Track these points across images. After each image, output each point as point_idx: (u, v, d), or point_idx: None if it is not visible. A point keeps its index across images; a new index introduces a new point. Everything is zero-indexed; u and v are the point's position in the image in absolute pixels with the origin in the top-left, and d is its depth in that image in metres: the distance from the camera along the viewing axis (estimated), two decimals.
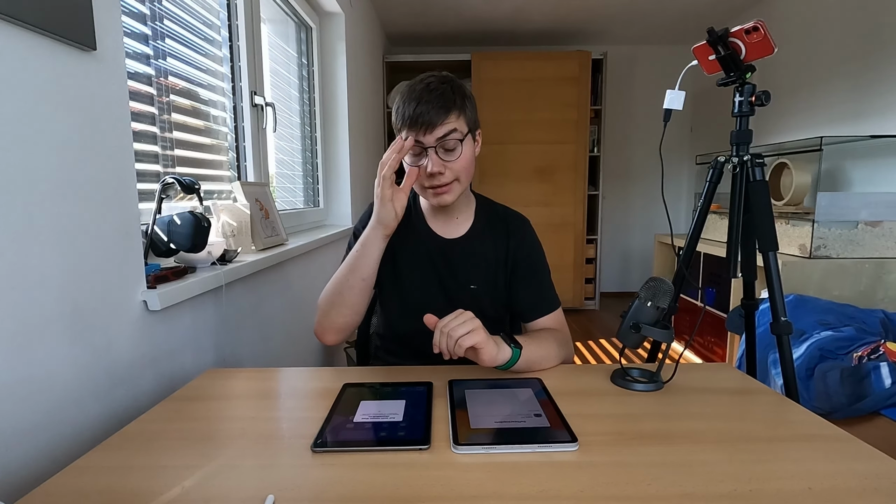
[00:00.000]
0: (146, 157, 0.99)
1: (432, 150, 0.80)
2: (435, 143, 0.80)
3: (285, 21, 1.90)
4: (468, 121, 0.84)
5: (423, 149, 0.81)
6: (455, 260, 0.92)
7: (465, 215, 0.94)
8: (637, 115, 3.98)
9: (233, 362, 1.07)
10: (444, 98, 0.80)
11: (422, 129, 0.79)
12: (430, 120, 0.79)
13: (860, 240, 1.96)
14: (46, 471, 0.59)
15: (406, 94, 0.81)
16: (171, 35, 1.08)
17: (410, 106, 0.79)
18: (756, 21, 1.05)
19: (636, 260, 4.19)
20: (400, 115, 0.81)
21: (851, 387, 1.44)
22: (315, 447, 0.55)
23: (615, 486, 0.48)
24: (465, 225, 0.94)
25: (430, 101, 0.79)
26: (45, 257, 0.60)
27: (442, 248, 0.92)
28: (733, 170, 1.21)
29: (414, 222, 0.94)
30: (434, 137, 0.80)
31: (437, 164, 0.81)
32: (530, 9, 3.12)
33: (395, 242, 0.89)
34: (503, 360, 0.73)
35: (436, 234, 0.93)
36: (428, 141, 0.80)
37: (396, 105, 0.83)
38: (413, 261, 0.92)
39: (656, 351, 1.47)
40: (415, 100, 0.79)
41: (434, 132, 0.79)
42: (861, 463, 0.52)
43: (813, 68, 2.62)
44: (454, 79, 0.84)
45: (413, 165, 0.83)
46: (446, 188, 0.84)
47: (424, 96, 0.79)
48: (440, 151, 0.81)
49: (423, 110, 0.78)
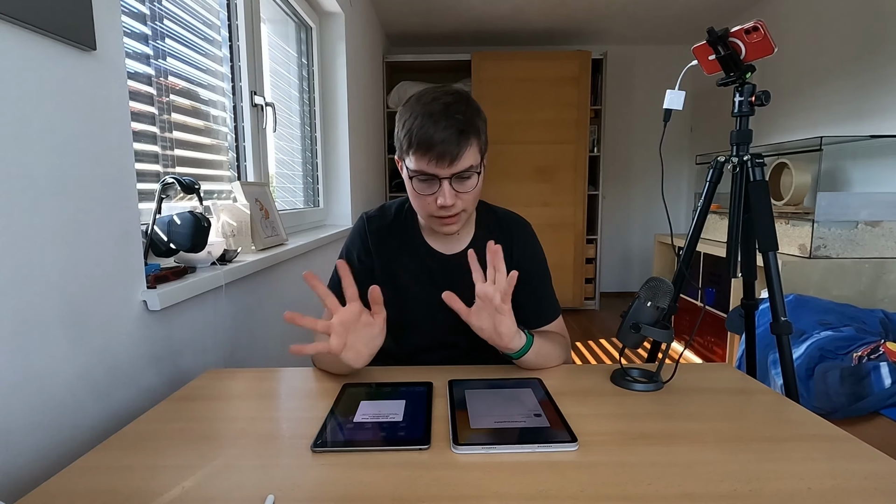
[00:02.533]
0: (146, 157, 0.99)
1: (447, 181, 0.75)
2: (450, 175, 0.75)
3: (285, 21, 1.90)
4: (482, 147, 0.79)
5: (438, 180, 0.75)
6: (457, 276, 0.86)
7: (465, 230, 0.90)
8: (637, 115, 3.98)
9: (233, 362, 1.07)
10: (465, 125, 0.73)
11: (440, 162, 0.73)
12: (450, 152, 0.72)
13: (860, 240, 1.96)
14: (46, 471, 0.59)
15: (421, 112, 0.73)
16: (171, 35, 1.08)
17: (427, 129, 0.72)
18: (756, 21, 1.05)
19: (636, 260, 4.19)
20: (414, 138, 0.73)
21: (851, 387, 1.44)
22: (315, 447, 0.55)
23: (615, 486, 0.48)
24: (465, 239, 0.90)
25: (451, 128, 0.72)
26: (44, 257, 0.60)
27: (443, 264, 0.88)
28: (733, 170, 1.21)
29: (412, 240, 0.90)
30: (451, 171, 0.74)
31: (450, 196, 0.75)
32: (530, 9, 3.12)
33: (394, 263, 0.87)
34: (519, 345, 0.74)
35: (436, 251, 0.89)
36: (443, 173, 0.74)
37: (407, 122, 0.75)
38: (414, 279, 0.88)
39: (656, 351, 1.47)
40: (432, 123, 0.72)
41: (452, 167, 0.74)
42: (861, 463, 0.52)
43: (813, 68, 2.62)
44: (470, 98, 0.78)
45: (422, 194, 0.77)
46: (455, 218, 0.80)
47: (443, 120, 0.72)
48: (455, 183, 0.76)
49: (443, 138, 0.72)
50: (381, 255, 0.89)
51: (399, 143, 0.78)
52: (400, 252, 0.89)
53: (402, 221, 0.91)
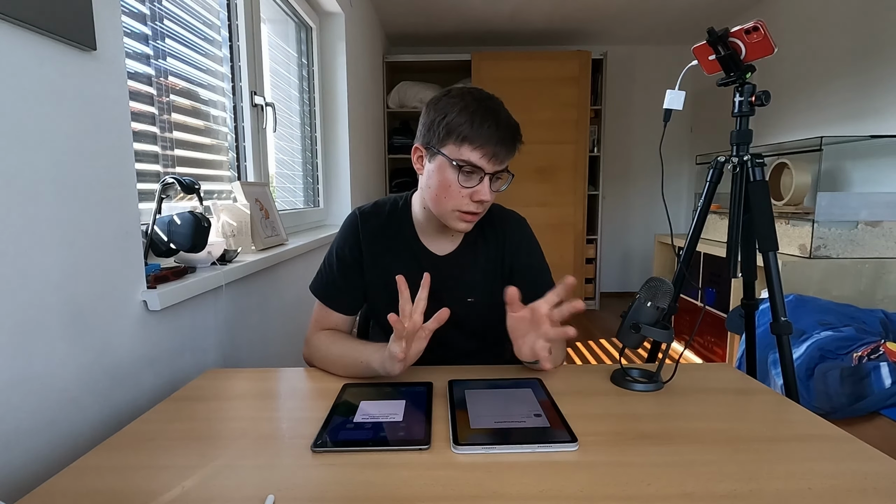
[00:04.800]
0: (146, 157, 0.99)
1: (488, 177, 0.77)
2: (494, 172, 0.77)
3: (285, 21, 1.90)
4: None
5: (481, 175, 0.76)
6: (449, 276, 0.87)
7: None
8: (637, 115, 3.98)
9: (233, 362, 1.07)
10: (519, 130, 0.77)
11: (495, 159, 0.75)
12: (508, 152, 0.76)
13: (860, 240, 1.96)
14: (46, 471, 0.59)
15: (477, 107, 0.75)
16: (171, 35, 1.08)
17: (488, 124, 0.74)
18: (756, 21, 1.05)
19: (636, 260, 4.19)
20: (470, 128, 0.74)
21: (851, 387, 1.44)
22: (315, 447, 0.55)
23: (615, 486, 0.48)
24: (457, 238, 0.90)
25: (511, 128, 0.76)
26: (44, 257, 0.60)
27: (435, 265, 0.88)
28: (733, 170, 1.21)
29: (406, 239, 0.89)
30: (496, 169, 0.77)
31: (489, 193, 0.77)
32: (530, 9, 3.12)
33: (386, 261, 0.87)
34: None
35: (429, 250, 0.89)
36: (489, 169, 0.76)
37: (459, 112, 0.75)
38: (407, 279, 0.89)
39: (656, 351, 1.47)
40: (493, 119, 0.74)
41: (500, 164, 0.76)
42: (861, 463, 0.52)
43: (813, 68, 2.62)
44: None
45: (463, 186, 0.77)
46: (476, 217, 0.81)
47: (504, 120, 0.75)
48: (493, 182, 0.78)
49: (503, 137, 0.74)
50: (373, 253, 0.88)
51: (438, 130, 0.76)
52: (393, 250, 0.88)
53: (396, 219, 0.90)
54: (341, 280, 0.88)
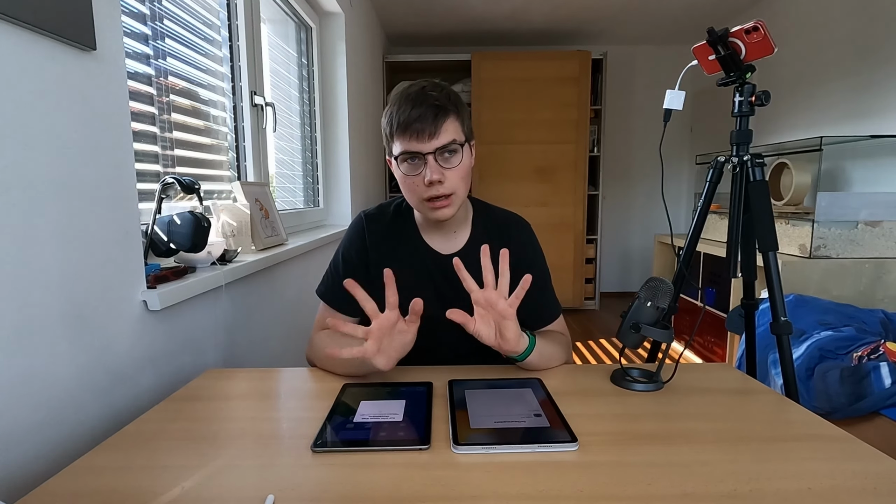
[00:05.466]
0: (146, 157, 0.99)
1: (431, 156, 0.76)
2: (434, 150, 0.76)
3: (285, 21, 1.90)
4: (465, 129, 0.81)
5: (422, 156, 0.77)
6: (454, 276, 0.86)
7: (462, 228, 0.90)
8: (637, 115, 3.98)
9: (233, 362, 1.07)
10: (443, 102, 0.77)
11: (420, 136, 0.75)
12: (429, 126, 0.75)
13: (860, 240, 1.96)
14: (46, 471, 0.59)
15: (400, 99, 0.77)
16: (171, 35, 1.08)
17: (405, 111, 0.75)
18: (756, 21, 1.05)
19: (636, 260, 4.19)
20: (394, 122, 0.76)
21: (851, 387, 1.44)
22: (315, 447, 0.55)
23: (615, 486, 0.48)
24: (462, 238, 0.90)
25: (429, 106, 0.75)
26: (44, 257, 0.60)
27: (440, 264, 0.88)
28: (733, 170, 1.21)
29: (411, 239, 0.90)
30: (433, 146, 0.76)
31: (436, 171, 0.76)
32: (530, 9, 3.12)
33: (392, 262, 0.86)
34: (523, 347, 0.74)
35: (433, 250, 0.89)
36: (426, 148, 0.76)
37: (388, 112, 0.78)
38: (411, 280, 0.87)
39: (656, 351, 1.47)
40: (410, 104, 0.75)
41: (433, 140, 0.76)
42: (861, 463, 0.52)
43: (813, 68, 2.63)
44: (447, 85, 0.81)
45: (410, 175, 0.79)
46: (447, 201, 0.80)
47: (421, 100, 0.76)
48: (439, 159, 0.77)
49: (421, 114, 0.75)
50: (380, 255, 0.89)
51: (385, 137, 0.81)
52: (398, 251, 0.89)
53: (400, 220, 0.91)
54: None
